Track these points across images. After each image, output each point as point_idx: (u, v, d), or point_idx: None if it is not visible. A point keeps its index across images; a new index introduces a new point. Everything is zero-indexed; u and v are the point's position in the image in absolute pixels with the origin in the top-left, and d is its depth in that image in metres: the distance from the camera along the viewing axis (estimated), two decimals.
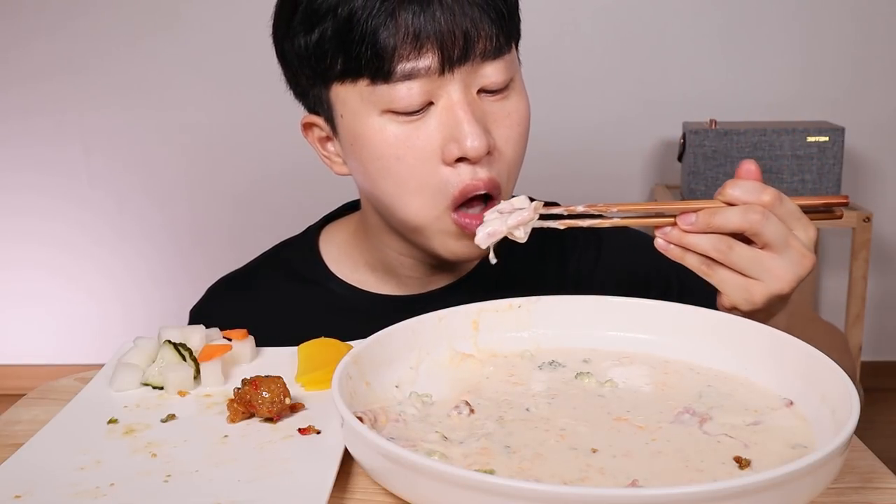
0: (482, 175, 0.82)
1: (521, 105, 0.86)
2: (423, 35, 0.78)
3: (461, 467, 0.54)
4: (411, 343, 0.74)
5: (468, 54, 0.80)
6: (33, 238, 2.93)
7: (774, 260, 0.71)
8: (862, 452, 0.64)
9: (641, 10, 2.68)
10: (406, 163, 0.82)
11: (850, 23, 2.65)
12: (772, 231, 0.70)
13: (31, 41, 2.77)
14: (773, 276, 0.71)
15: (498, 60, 0.82)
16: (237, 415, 0.69)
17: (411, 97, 0.80)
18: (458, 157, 0.81)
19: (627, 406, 0.67)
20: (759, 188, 0.71)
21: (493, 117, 0.83)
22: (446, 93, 0.81)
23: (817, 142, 2.31)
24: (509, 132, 0.84)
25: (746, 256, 0.72)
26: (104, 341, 2.81)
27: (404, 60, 0.79)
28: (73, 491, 0.59)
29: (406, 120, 0.81)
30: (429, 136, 0.81)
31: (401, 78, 0.79)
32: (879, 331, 2.88)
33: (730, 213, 0.71)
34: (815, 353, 0.66)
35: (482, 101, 0.83)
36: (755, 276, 0.72)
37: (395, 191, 0.84)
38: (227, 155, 2.82)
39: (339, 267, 1.00)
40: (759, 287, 0.72)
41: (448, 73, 0.80)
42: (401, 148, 0.82)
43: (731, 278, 0.73)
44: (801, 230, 0.72)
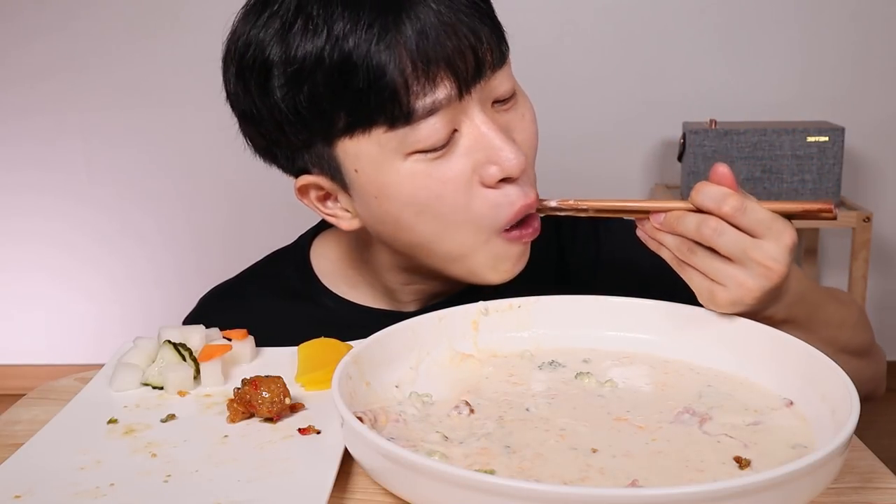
0: (531, 193, 0.80)
1: (528, 104, 0.84)
2: (433, 64, 0.73)
3: (461, 467, 0.54)
4: (411, 343, 0.74)
5: (481, 71, 0.76)
6: (33, 238, 2.93)
7: (736, 270, 0.69)
8: (862, 452, 0.64)
9: (641, 10, 2.68)
10: (446, 200, 0.77)
11: (850, 23, 2.65)
12: (727, 244, 0.68)
13: (31, 41, 2.77)
14: (736, 285, 0.70)
15: (504, 68, 0.79)
16: (237, 415, 0.69)
17: (438, 132, 0.75)
18: (500, 178, 0.77)
19: (627, 406, 0.67)
20: (720, 196, 0.69)
21: (511, 126, 0.80)
22: (468, 117, 0.77)
23: (817, 142, 2.30)
24: (526, 135, 0.82)
25: (707, 263, 0.71)
26: (104, 341, 2.81)
27: (422, 96, 0.73)
28: (73, 491, 0.59)
29: (434, 157, 0.76)
30: (462, 166, 0.77)
31: (423, 115, 0.74)
32: (879, 331, 2.86)
33: (687, 221, 0.70)
34: (815, 353, 0.66)
35: (498, 114, 0.80)
36: (719, 282, 0.70)
37: (438, 230, 0.79)
38: (226, 155, 2.81)
39: (334, 281, 0.97)
40: (723, 292, 0.70)
41: (466, 95, 0.75)
42: (436, 187, 0.77)
43: (697, 279, 0.72)
44: (772, 239, 0.68)
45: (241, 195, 2.85)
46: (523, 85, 0.85)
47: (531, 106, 0.84)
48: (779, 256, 0.68)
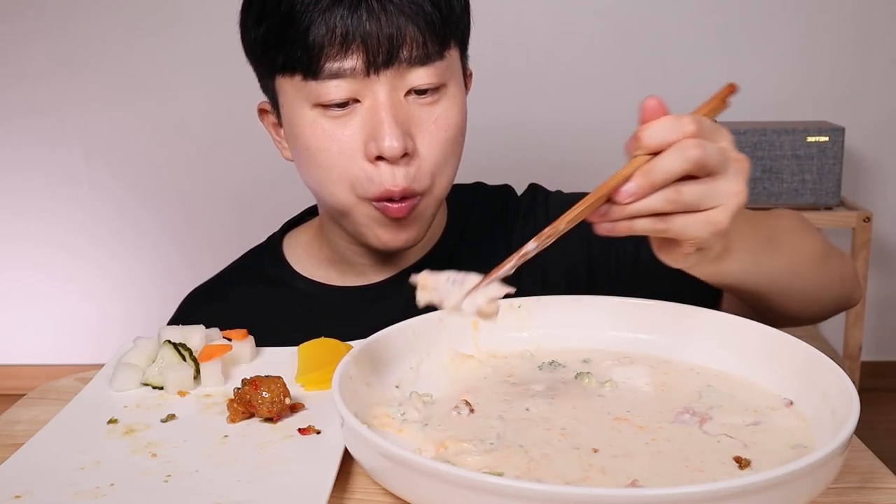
0: (399, 181, 0.86)
1: (451, 111, 0.89)
2: (350, 37, 0.82)
3: (461, 467, 0.54)
4: (411, 343, 0.74)
5: (392, 59, 0.84)
6: (33, 238, 2.93)
7: (723, 181, 0.65)
8: (862, 452, 0.64)
9: (641, 10, 2.68)
10: (330, 154, 0.87)
11: (850, 23, 2.65)
12: (713, 155, 0.64)
13: (31, 41, 2.77)
14: (728, 194, 0.65)
15: (427, 66, 0.86)
16: (237, 415, 0.69)
17: (338, 94, 0.85)
18: (376, 155, 0.85)
19: (627, 406, 0.67)
20: (677, 122, 0.64)
21: (418, 121, 0.87)
22: (372, 93, 0.85)
23: (817, 142, 2.30)
24: (433, 137, 0.87)
25: (698, 191, 0.65)
26: (104, 341, 2.81)
27: (331, 60, 0.83)
28: (73, 491, 0.59)
29: (334, 115, 0.86)
30: (353, 133, 0.86)
31: (328, 76, 0.84)
32: (879, 331, 2.88)
33: (667, 161, 0.63)
34: (815, 354, 0.66)
35: (410, 104, 0.87)
36: (713, 205, 0.66)
37: (320, 178, 0.89)
38: (226, 155, 2.82)
39: (304, 265, 1.04)
40: (720, 212, 0.66)
41: (373, 74, 0.84)
42: (326, 140, 0.87)
43: (691, 220, 0.66)
44: (724, 139, 0.66)
45: (241, 195, 2.85)
46: (524, 84, 0.86)
47: (456, 115, 0.89)
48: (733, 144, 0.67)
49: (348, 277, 1.02)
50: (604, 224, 0.66)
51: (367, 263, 1.01)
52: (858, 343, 2.39)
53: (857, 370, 2.39)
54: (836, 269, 0.92)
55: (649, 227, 0.66)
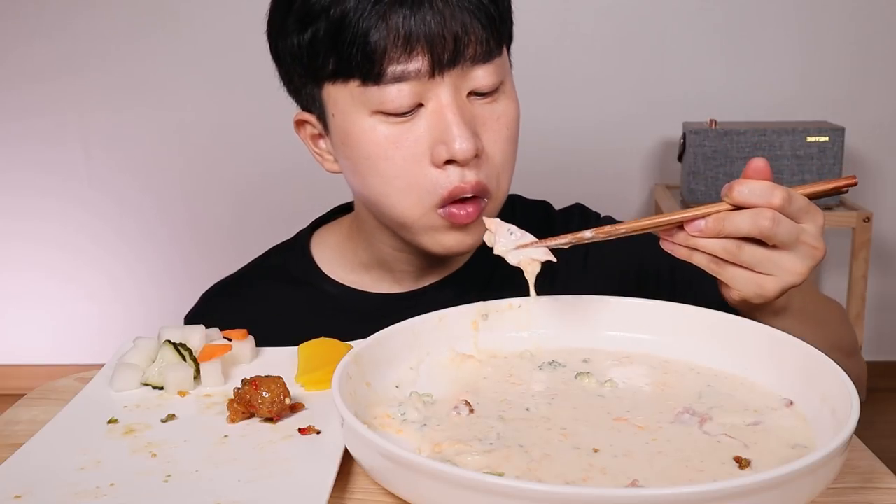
0: (470, 178, 0.83)
1: (510, 108, 0.87)
2: (414, 38, 0.79)
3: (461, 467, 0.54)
4: (411, 343, 0.74)
5: (458, 58, 0.81)
6: (33, 238, 2.93)
7: (786, 256, 0.71)
8: (862, 452, 0.64)
9: (641, 10, 2.68)
10: (394, 163, 0.83)
11: (850, 23, 2.65)
12: (783, 233, 0.70)
13: (31, 41, 2.77)
14: (785, 271, 0.71)
15: (488, 64, 0.83)
16: (237, 415, 0.69)
17: (401, 99, 0.81)
18: (447, 159, 0.82)
19: (627, 406, 0.67)
20: (769, 189, 0.69)
21: (482, 120, 0.84)
22: (436, 95, 0.82)
23: (817, 142, 2.30)
24: (498, 135, 0.85)
25: (758, 256, 0.71)
26: (104, 341, 2.81)
27: (395, 63, 0.80)
28: (73, 491, 0.59)
29: (396, 121, 0.82)
30: (418, 138, 0.82)
31: (391, 80, 0.80)
32: (879, 331, 2.88)
33: (739, 220, 0.70)
34: (814, 354, 0.66)
35: (472, 104, 0.84)
36: (767, 273, 0.72)
37: (383, 189, 0.85)
38: (226, 155, 2.82)
39: (333, 268, 1.01)
40: (771, 282, 0.72)
41: (438, 75, 0.81)
42: (390, 148, 0.83)
43: (742, 275, 0.73)
44: (811, 222, 0.72)
45: (241, 195, 2.85)
46: (524, 84, 0.86)
47: (514, 113, 0.87)
48: (819, 236, 0.72)
49: (383, 284, 0.99)
50: (668, 242, 0.74)
51: (409, 270, 0.97)
52: (858, 343, 2.39)
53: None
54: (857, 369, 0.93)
55: (704, 263, 0.73)
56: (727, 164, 2.33)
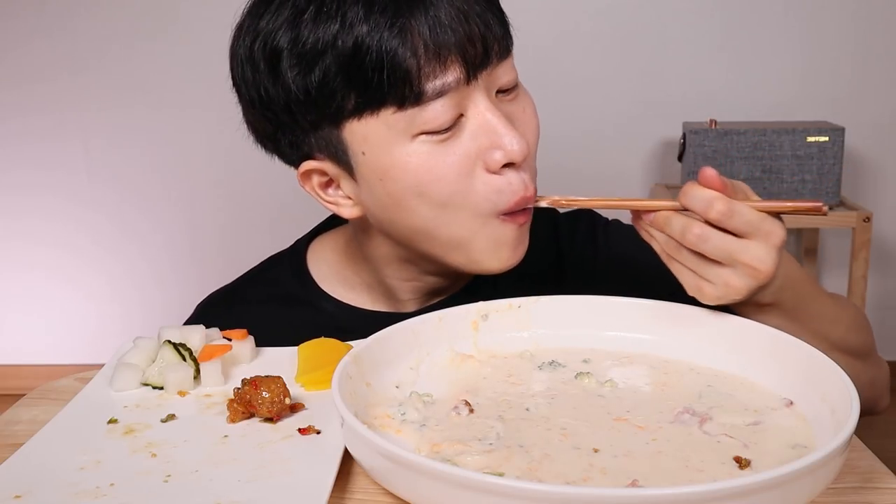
0: (531, 185, 0.81)
1: (528, 98, 0.85)
2: (445, 48, 0.75)
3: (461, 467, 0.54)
4: (411, 343, 0.74)
5: (489, 58, 0.78)
6: (33, 238, 2.93)
7: (723, 270, 0.70)
8: (862, 452, 0.64)
9: (641, 11, 2.68)
10: (447, 181, 0.78)
11: (850, 23, 2.65)
12: (713, 250, 0.69)
13: (31, 41, 2.77)
14: (723, 283, 0.70)
15: (508, 59, 0.81)
16: (237, 415, 0.69)
17: (445, 114, 0.76)
18: (504, 163, 0.78)
19: (627, 406, 0.67)
20: (707, 201, 0.68)
21: (514, 116, 0.82)
22: (473, 102, 0.78)
23: (817, 142, 2.30)
24: (528, 127, 0.83)
25: (694, 262, 0.71)
26: (104, 341, 2.81)
27: (432, 79, 0.75)
28: (73, 491, 0.59)
29: (441, 138, 0.78)
30: (466, 149, 0.78)
31: (432, 97, 0.76)
32: (879, 331, 2.86)
33: (674, 224, 0.70)
34: (815, 354, 0.66)
35: (501, 103, 0.81)
36: (707, 279, 0.71)
37: (438, 213, 0.80)
38: (226, 155, 2.82)
39: (331, 286, 0.97)
40: (710, 288, 0.71)
41: (473, 81, 0.77)
42: (440, 168, 0.78)
43: (685, 273, 0.72)
44: (760, 239, 0.68)
45: (240, 195, 2.85)
46: (524, 84, 0.86)
47: (532, 100, 0.86)
48: (766, 257, 0.68)
49: (382, 303, 0.96)
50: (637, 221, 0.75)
51: (412, 298, 0.95)
52: None
53: None
54: (871, 372, 0.92)
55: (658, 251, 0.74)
56: (727, 164, 2.33)
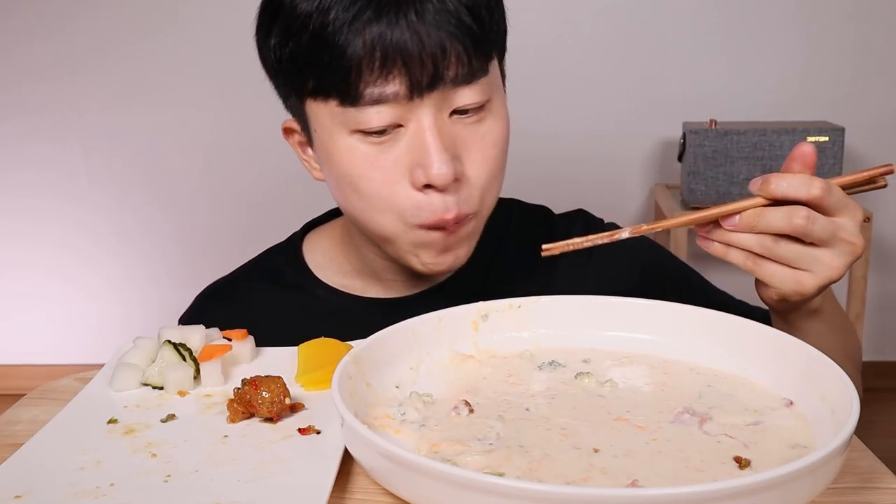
0: (451, 207, 0.81)
1: (496, 127, 0.84)
2: (390, 59, 0.76)
3: (461, 467, 0.54)
4: (411, 343, 0.74)
5: (437, 81, 0.77)
6: (33, 238, 2.93)
7: (823, 252, 0.70)
8: (862, 452, 0.64)
9: (641, 10, 2.68)
10: (374, 183, 0.81)
11: (850, 23, 2.65)
12: (819, 230, 0.69)
13: (31, 41, 2.77)
14: (824, 266, 0.70)
15: (472, 85, 0.80)
16: (237, 415, 0.69)
17: (380, 121, 0.79)
18: (425, 183, 0.80)
19: (627, 406, 0.67)
20: (806, 183, 0.68)
21: (463, 141, 0.82)
22: (416, 117, 0.79)
23: (817, 142, 2.30)
24: (481, 155, 0.83)
25: (794, 251, 0.70)
26: (103, 341, 2.81)
27: (372, 85, 0.77)
28: (73, 491, 0.59)
29: (375, 140, 0.80)
30: (397, 159, 0.80)
31: (369, 102, 0.78)
32: (879, 331, 2.88)
33: (773, 217, 0.69)
34: (814, 354, 0.66)
35: (454, 124, 0.81)
36: (805, 268, 0.71)
37: (364, 206, 0.84)
38: (226, 155, 2.82)
39: (325, 272, 1.00)
40: (809, 277, 0.71)
41: (417, 98, 0.78)
42: (369, 168, 0.81)
43: (780, 271, 0.72)
44: (848, 216, 0.70)
45: (241, 194, 2.85)
46: (524, 84, 0.86)
47: (501, 132, 0.85)
48: (856, 231, 0.71)
49: (373, 289, 0.98)
50: (703, 239, 0.73)
51: (398, 280, 0.97)
52: None
53: None
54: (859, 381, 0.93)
55: (741, 261, 0.72)
56: (727, 164, 2.33)
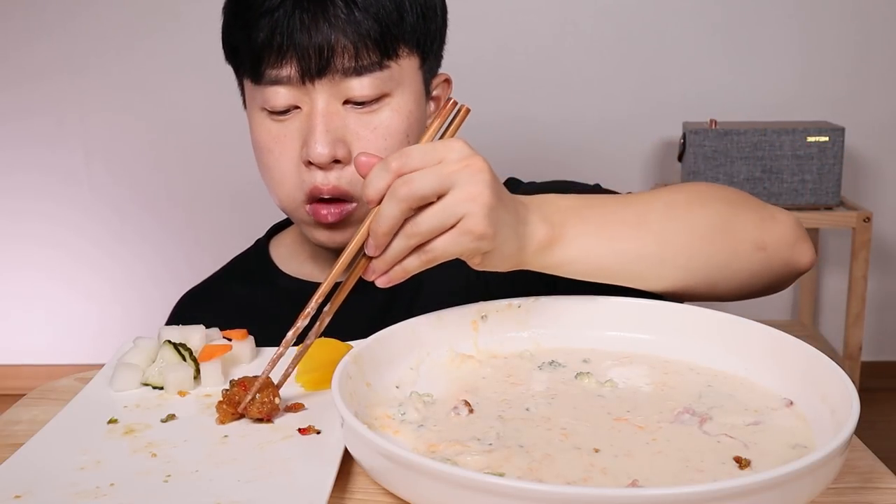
0: (328, 181, 0.88)
1: (392, 120, 0.89)
2: (284, 47, 0.85)
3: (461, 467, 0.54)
4: (411, 343, 0.74)
5: (325, 69, 0.85)
6: (33, 239, 2.93)
7: (455, 194, 0.65)
8: (862, 452, 0.64)
9: (641, 10, 2.68)
10: (273, 156, 0.91)
11: (850, 23, 2.65)
12: (426, 184, 0.64)
13: (31, 41, 2.77)
14: (467, 202, 0.65)
15: (363, 77, 0.87)
16: (226, 416, 0.68)
17: (277, 100, 0.88)
18: (306, 160, 0.88)
19: (627, 406, 0.67)
20: (382, 168, 0.65)
21: (354, 129, 0.88)
22: (311, 100, 0.87)
23: (817, 142, 2.30)
24: (370, 145, 0.88)
25: (433, 216, 0.65)
26: (104, 341, 2.81)
27: (271, 67, 0.86)
28: (73, 491, 0.59)
29: (277, 118, 0.89)
30: (292, 137, 0.89)
31: (269, 82, 0.87)
32: (879, 331, 2.88)
33: (385, 210, 0.65)
34: (815, 354, 0.66)
35: (348, 113, 0.88)
36: (457, 219, 0.65)
37: (268, 178, 0.94)
38: (226, 155, 2.82)
39: (288, 264, 1.07)
40: (469, 221, 0.65)
41: (309, 83, 0.86)
42: (270, 142, 0.90)
43: (447, 240, 0.66)
44: (447, 151, 0.65)
45: (240, 196, 2.85)
46: (524, 84, 0.86)
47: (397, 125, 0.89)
48: (464, 150, 0.66)
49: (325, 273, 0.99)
50: (381, 278, 0.68)
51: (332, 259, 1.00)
52: (858, 343, 2.39)
53: (857, 370, 2.39)
54: (747, 237, 0.82)
55: (417, 263, 0.67)
56: (727, 164, 2.33)
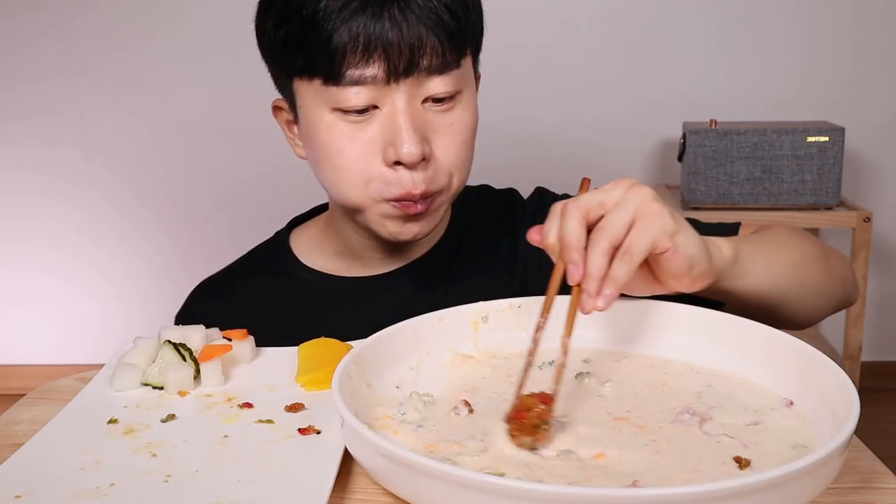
0: (419, 184, 0.88)
1: (465, 116, 0.91)
2: (372, 46, 0.84)
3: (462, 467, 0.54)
4: (411, 343, 0.74)
5: (413, 68, 0.85)
6: (33, 238, 2.93)
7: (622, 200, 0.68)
8: (862, 452, 0.64)
9: (641, 11, 2.68)
10: (349, 157, 0.89)
11: (850, 23, 2.65)
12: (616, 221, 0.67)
13: (31, 41, 2.77)
14: (634, 196, 0.68)
15: (445, 75, 0.87)
16: None
17: (357, 100, 0.86)
18: (395, 160, 0.87)
19: (627, 406, 0.68)
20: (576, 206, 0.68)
21: (434, 126, 0.89)
22: (391, 100, 0.87)
23: (817, 142, 2.30)
24: (450, 140, 0.90)
25: (612, 214, 0.68)
26: (104, 341, 2.81)
27: (353, 67, 0.85)
28: (73, 491, 0.59)
29: (353, 119, 0.88)
30: (371, 137, 0.88)
31: (349, 83, 0.86)
32: (879, 331, 2.88)
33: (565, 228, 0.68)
34: (815, 354, 0.66)
35: (426, 111, 0.89)
36: (634, 207, 0.68)
37: (336, 178, 0.91)
38: (227, 155, 2.82)
39: (311, 257, 1.06)
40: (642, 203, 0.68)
41: (393, 82, 0.86)
42: (345, 144, 0.89)
43: (636, 231, 0.67)
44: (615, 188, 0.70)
45: (241, 194, 2.85)
46: (524, 84, 0.87)
47: (469, 121, 0.92)
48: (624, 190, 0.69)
49: (355, 269, 1.04)
50: (597, 304, 0.67)
51: (377, 257, 1.03)
52: (858, 343, 2.39)
53: (857, 370, 2.39)
54: (837, 270, 0.95)
55: (624, 267, 0.66)
56: (727, 164, 2.33)
